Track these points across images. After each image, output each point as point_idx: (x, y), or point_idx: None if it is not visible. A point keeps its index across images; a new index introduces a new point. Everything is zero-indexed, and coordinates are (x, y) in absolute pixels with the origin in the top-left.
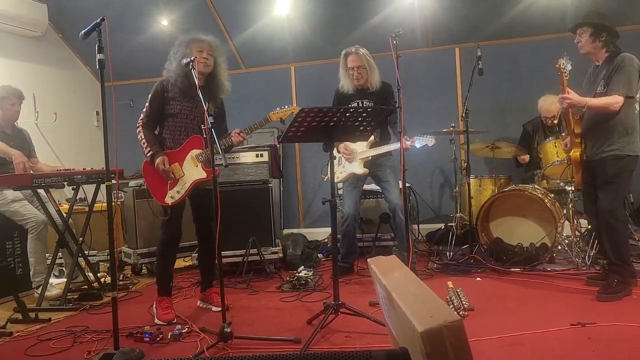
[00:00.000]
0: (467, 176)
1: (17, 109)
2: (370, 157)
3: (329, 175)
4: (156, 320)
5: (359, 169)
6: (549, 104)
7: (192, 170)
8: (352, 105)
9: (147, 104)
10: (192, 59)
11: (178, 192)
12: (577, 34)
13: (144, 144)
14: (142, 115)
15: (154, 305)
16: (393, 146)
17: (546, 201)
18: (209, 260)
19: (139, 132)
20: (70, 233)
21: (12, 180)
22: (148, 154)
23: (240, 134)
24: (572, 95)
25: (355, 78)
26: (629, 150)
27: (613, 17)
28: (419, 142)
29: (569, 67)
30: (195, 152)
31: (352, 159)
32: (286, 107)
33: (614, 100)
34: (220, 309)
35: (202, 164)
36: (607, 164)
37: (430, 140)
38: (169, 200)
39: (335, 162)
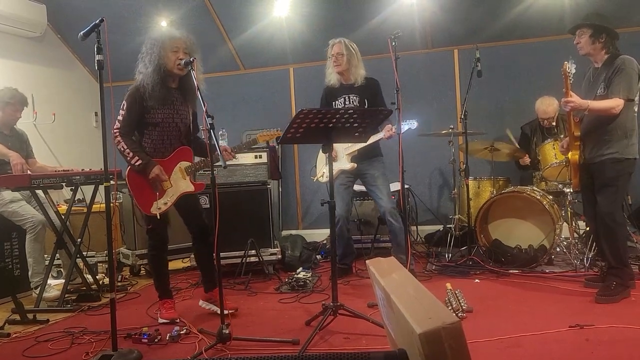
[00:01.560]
0: (466, 178)
1: (19, 115)
2: (356, 152)
3: (317, 176)
4: (159, 320)
5: (346, 164)
6: (546, 106)
7: (179, 182)
8: (339, 100)
9: (123, 112)
10: (191, 59)
11: (165, 203)
12: (576, 35)
13: (128, 153)
14: (118, 124)
15: (158, 308)
16: (377, 136)
17: (545, 203)
18: (210, 261)
19: (119, 141)
20: (68, 234)
21: (11, 181)
22: (137, 164)
23: (231, 153)
24: (575, 99)
25: (334, 64)
26: (627, 154)
27: (611, 20)
28: (399, 128)
29: (573, 71)
30: (184, 164)
31: (335, 158)
32: (272, 130)
33: (615, 104)
34: (226, 311)
35: (190, 177)
36: (606, 167)
37: (412, 124)
38: (155, 211)
39: (323, 162)
